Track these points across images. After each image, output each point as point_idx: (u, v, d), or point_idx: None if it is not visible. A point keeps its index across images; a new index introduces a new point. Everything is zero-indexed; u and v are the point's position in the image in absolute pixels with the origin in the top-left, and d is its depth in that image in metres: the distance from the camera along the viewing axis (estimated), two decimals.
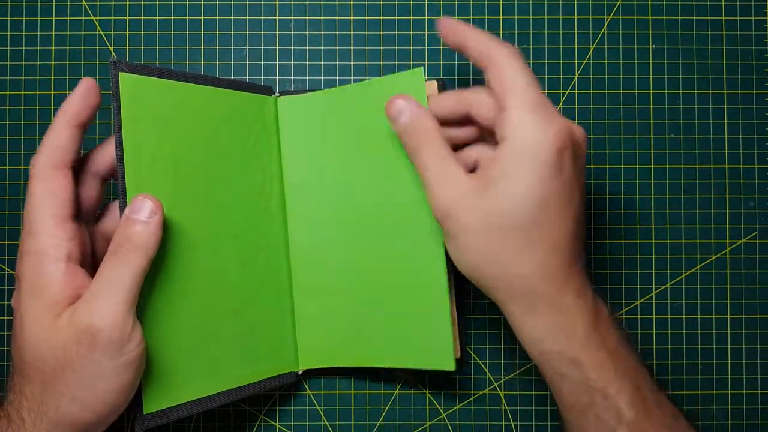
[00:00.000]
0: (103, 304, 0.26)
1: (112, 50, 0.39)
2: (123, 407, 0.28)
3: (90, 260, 0.30)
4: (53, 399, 0.26)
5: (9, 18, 0.39)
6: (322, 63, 0.39)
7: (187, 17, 0.39)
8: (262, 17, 0.40)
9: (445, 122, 0.31)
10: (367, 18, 0.40)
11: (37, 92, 0.39)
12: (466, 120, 0.31)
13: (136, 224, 0.28)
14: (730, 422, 0.39)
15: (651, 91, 0.40)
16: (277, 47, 0.39)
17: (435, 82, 0.36)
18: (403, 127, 0.30)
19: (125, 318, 0.27)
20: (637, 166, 0.39)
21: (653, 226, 0.39)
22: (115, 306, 0.26)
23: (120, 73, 0.30)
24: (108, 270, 0.27)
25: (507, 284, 0.28)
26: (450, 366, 0.33)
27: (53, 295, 0.27)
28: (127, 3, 0.39)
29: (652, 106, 0.40)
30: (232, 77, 0.39)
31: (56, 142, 0.28)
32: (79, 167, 0.31)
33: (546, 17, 0.40)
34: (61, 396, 0.26)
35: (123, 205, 0.29)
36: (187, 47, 0.39)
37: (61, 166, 0.28)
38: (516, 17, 0.40)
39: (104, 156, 0.31)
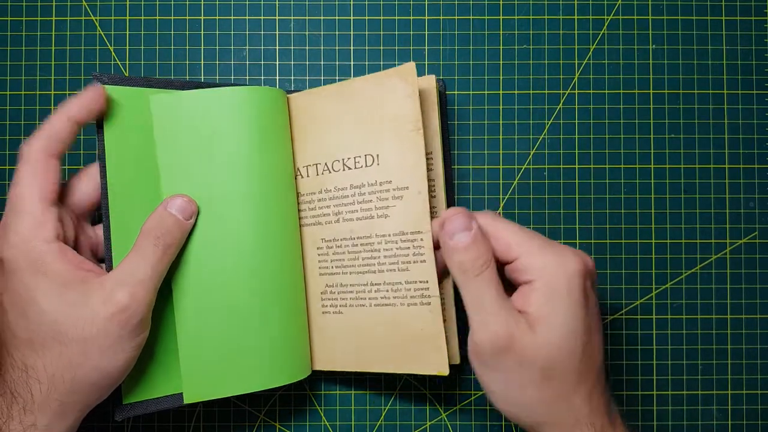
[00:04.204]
0: (140, 288, 0.29)
1: (112, 50, 0.39)
2: (125, 376, 0.30)
3: (73, 244, 0.31)
4: (69, 370, 0.28)
5: (9, 18, 0.39)
6: (322, 63, 0.39)
7: (187, 17, 0.39)
8: (262, 17, 0.40)
9: None
10: (367, 18, 0.40)
11: (37, 92, 0.39)
12: None
13: (179, 222, 0.31)
14: (730, 422, 0.39)
15: (651, 91, 0.40)
16: (277, 47, 0.39)
17: (434, 76, 0.36)
18: (462, 249, 0.29)
19: (153, 302, 0.30)
20: (637, 166, 0.39)
21: (653, 226, 0.39)
22: (149, 291, 0.29)
23: (103, 86, 0.32)
24: (149, 257, 0.30)
25: (557, 418, 0.28)
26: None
27: (61, 274, 0.28)
28: (127, 3, 0.39)
29: (652, 106, 0.40)
30: (232, 78, 0.39)
31: (53, 133, 0.30)
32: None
33: (546, 17, 0.40)
34: (78, 366, 0.28)
35: (105, 210, 0.32)
36: (187, 47, 0.39)
37: (54, 155, 0.30)
38: (516, 17, 0.40)
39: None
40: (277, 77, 0.39)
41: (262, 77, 0.39)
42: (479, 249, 0.29)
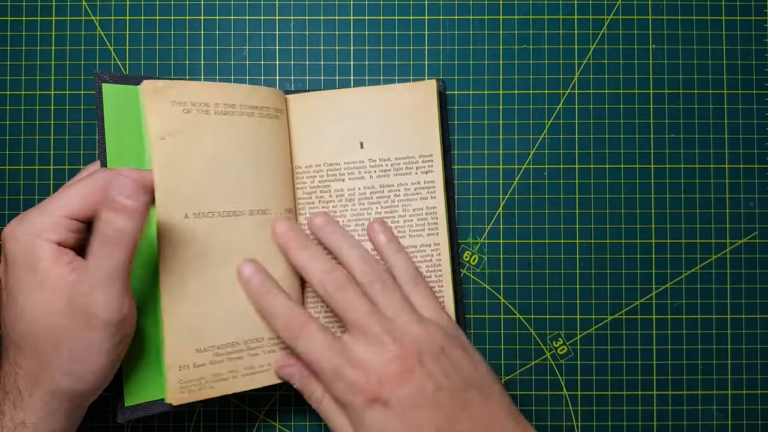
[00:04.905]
0: (99, 291, 0.27)
1: (112, 50, 0.39)
2: (110, 378, 0.29)
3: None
4: (47, 371, 0.27)
5: (9, 18, 0.39)
6: (322, 63, 0.39)
7: (187, 17, 0.39)
8: (262, 17, 0.40)
9: None
10: (367, 18, 0.40)
11: (37, 92, 0.39)
12: None
13: (120, 207, 0.27)
14: (730, 422, 0.39)
15: (651, 91, 0.40)
16: (277, 47, 0.39)
17: (434, 81, 0.37)
18: (300, 391, 0.33)
19: (121, 301, 0.28)
20: (637, 166, 0.39)
21: (653, 226, 0.39)
22: (110, 292, 0.27)
23: (103, 84, 0.32)
24: (97, 258, 0.27)
25: None
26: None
27: (46, 274, 0.27)
28: (127, 3, 0.39)
29: (652, 106, 0.40)
30: (232, 78, 0.39)
31: (140, 193, 0.28)
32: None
33: (546, 17, 0.40)
34: (55, 369, 0.27)
35: None
36: (187, 47, 0.39)
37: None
38: (516, 17, 0.40)
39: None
40: (277, 77, 0.39)
41: (262, 77, 0.39)
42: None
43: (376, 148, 0.37)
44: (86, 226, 0.30)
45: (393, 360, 0.28)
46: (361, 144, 0.37)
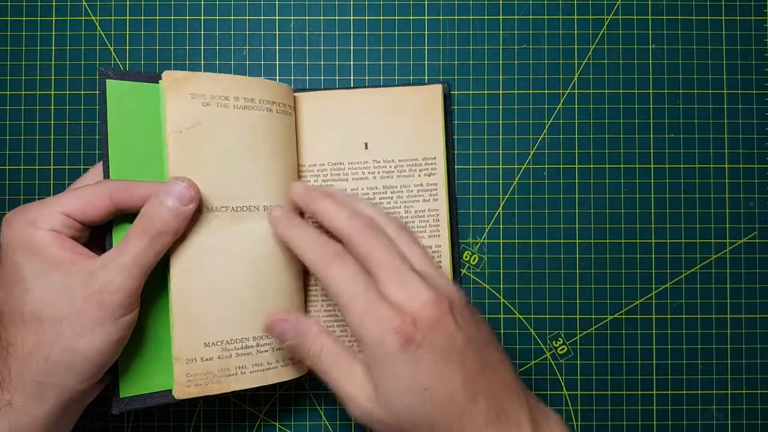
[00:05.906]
0: (123, 275, 0.29)
1: (112, 50, 0.39)
2: (111, 362, 0.30)
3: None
4: (44, 348, 0.27)
5: (9, 18, 0.39)
6: (322, 63, 0.39)
7: (187, 17, 0.39)
8: (262, 17, 0.40)
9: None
10: (367, 18, 0.40)
11: (37, 92, 0.39)
12: None
13: (175, 209, 0.30)
14: (729, 422, 0.39)
15: (651, 91, 0.40)
16: (277, 47, 0.39)
17: (440, 86, 0.37)
18: (295, 350, 0.31)
19: (136, 288, 0.29)
20: (637, 166, 0.39)
21: (653, 226, 0.39)
22: (131, 277, 0.29)
23: (107, 81, 0.32)
24: (135, 243, 0.29)
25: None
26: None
27: (51, 255, 0.28)
28: (127, 3, 0.39)
29: (652, 106, 0.40)
30: None
31: (131, 190, 0.30)
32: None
33: (546, 17, 0.40)
34: (53, 345, 0.27)
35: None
36: (187, 47, 0.39)
37: (113, 201, 0.30)
38: (516, 17, 0.40)
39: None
40: (277, 77, 0.39)
41: (262, 77, 0.39)
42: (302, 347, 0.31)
43: (380, 150, 0.37)
44: (83, 228, 0.30)
45: (428, 304, 0.28)
46: (366, 145, 0.37)
